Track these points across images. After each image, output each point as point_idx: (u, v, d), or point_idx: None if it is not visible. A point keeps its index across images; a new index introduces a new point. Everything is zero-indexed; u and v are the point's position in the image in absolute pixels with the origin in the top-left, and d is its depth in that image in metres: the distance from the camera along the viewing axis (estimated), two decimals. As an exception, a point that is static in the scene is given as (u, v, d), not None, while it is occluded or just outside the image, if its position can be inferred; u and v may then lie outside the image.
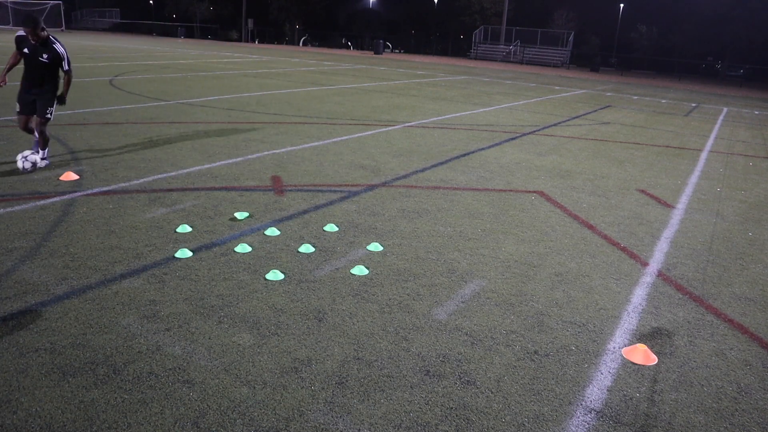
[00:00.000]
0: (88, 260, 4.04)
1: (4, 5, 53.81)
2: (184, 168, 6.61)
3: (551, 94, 20.58)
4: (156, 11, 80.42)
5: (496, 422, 2.66)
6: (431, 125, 11.02)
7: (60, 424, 2.44)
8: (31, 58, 6.00)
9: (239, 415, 2.58)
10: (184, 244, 4.40)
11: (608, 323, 3.68)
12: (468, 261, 4.51)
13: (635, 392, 2.97)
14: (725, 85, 41.07)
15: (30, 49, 5.96)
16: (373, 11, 76.29)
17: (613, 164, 8.65)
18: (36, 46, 5.96)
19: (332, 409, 2.66)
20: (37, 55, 5.98)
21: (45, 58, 6.01)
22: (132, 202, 5.31)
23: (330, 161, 7.42)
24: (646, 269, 4.63)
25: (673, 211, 6.34)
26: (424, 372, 3.00)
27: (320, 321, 3.43)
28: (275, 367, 2.95)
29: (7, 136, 7.73)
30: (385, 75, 24.11)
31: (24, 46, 5.97)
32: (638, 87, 29.55)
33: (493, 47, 54.10)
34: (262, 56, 32.56)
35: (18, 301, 3.42)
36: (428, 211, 5.68)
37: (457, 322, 3.53)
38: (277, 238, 4.70)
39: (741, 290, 4.38)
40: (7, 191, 5.43)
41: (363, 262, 4.31)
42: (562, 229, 5.45)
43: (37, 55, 5.98)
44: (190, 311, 3.44)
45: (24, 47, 5.97)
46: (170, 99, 11.81)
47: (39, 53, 5.98)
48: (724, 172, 8.72)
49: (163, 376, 2.80)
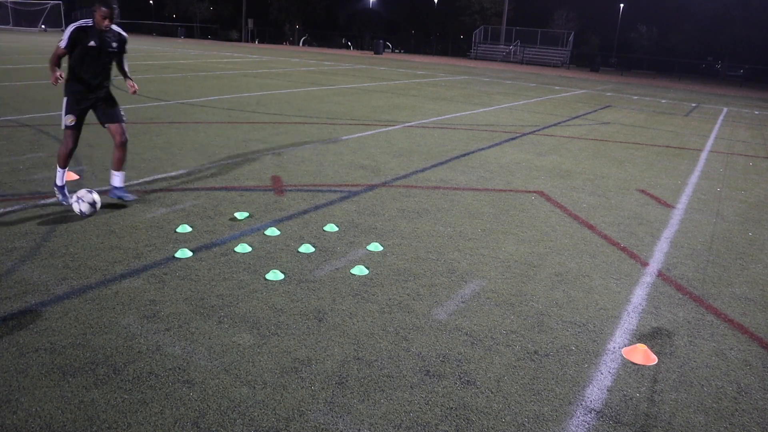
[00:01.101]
0: (88, 260, 4.04)
1: (4, 5, 53.79)
2: (184, 168, 6.61)
3: (551, 94, 20.58)
4: (156, 11, 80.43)
5: (496, 422, 2.66)
6: (431, 125, 11.02)
7: (60, 424, 2.44)
8: (100, 50, 4.91)
9: (239, 415, 2.58)
10: (184, 244, 4.40)
11: (608, 323, 3.68)
12: (468, 261, 4.51)
13: (635, 392, 2.97)
14: (725, 85, 41.06)
15: (98, 40, 4.87)
16: (373, 11, 76.30)
17: (613, 164, 8.65)
18: (104, 34, 4.91)
19: (332, 409, 2.66)
20: (106, 45, 4.94)
21: (115, 47, 5.03)
22: (132, 202, 5.31)
23: (330, 161, 7.42)
24: (646, 269, 4.63)
25: (673, 211, 6.34)
26: (424, 372, 3.00)
27: (320, 321, 3.43)
28: (275, 367, 2.95)
29: (7, 136, 7.73)
30: (385, 75, 24.11)
31: (90, 38, 4.85)
32: (638, 87, 29.55)
33: (493, 47, 54.10)
34: (262, 56, 32.56)
35: (18, 301, 3.42)
36: (428, 211, 5.68)
37: (457, 322, 3.53)
38: (277, 238, 4.70)
39: (741, 290, 4.38)
40: (7, 191, 5.43)
41: (363, 262, 4.31)
42: (562, 229, 5.45)
43: (106, 45, 4.94)
44: (190, 311, 3.44)
45: (90, 40, 4.84)
46: (170, 99, 11.81)
47: (109, 42, 4.96)
48: (724, 172, 8.72)
49: (163, 376, 2.80)
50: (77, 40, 4.83)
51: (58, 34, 50.67)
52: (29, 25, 55.07)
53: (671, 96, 24.75)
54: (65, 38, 4.80)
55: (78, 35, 4.82)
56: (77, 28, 4.83)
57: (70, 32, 4.81)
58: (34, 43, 31.10)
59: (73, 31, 4.82)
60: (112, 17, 4.83)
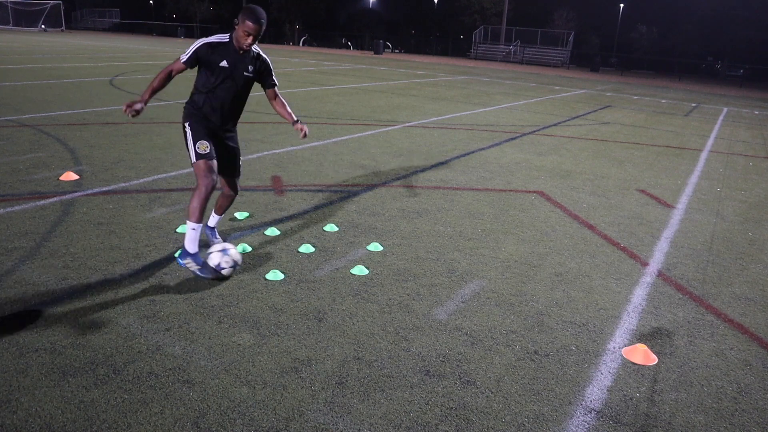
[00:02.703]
0: (88, 260, 4.04)
1: (4, 5, 53.80)
2: (184, 168, 6.61)
3: (551, 94, 20.58)
4: (156, 11, 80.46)
5: (496, 422, 2.66)
6: (431, 125, 11.03)
7: (60, 424, 2.44)
8: (232, 74, 3.93)
9: (239, 415, 2.58)
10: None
11: (608, 323, 3.68)
12: (468, 261, 4.51)
13: (635, 392, 2.97)
14: (725, 85, 41.06)
15: (231, 61, 3.89)
16: (374, 11, 76.33)
17: (613, 164, 8.65)
18: (240, 55, 3.92)
19: (332, 409, 2.66)
20: (241, 69, 3.94)
21: (250, 71, 4.00)
22: (132, 202, 5.31)
23: (330, 161, 7.42)
24: (646, 269, 4.63)
25: (673, 211, 6.34)
26: (424, 372, 3.00)
27: (320, 321, 3.43)
28: (275, 367, 2.95)
29: (7, 136, 7.73)
30: (385, 75, 24.11)
31: (223, 57, 3.87)
32: (638, 87, 29.55)
33: (493, 47, 54.11)
34: (262, 56, 32.51)
35: (18, 301, 3.42)
36: (428, 211, 5.68)
37: (457, 322, 3.53)
38: (277, 238, 4.70)
39: (741, 290, 4.38)
40: (7, 191, 5.43)
41: (363, 262, 4.31)
42: (562, 229, 5.45)
43: (241, 69, 3.94)
44: (190, 311, 3.44)
45: (223, 59, 3.87)
46: (170, 99, 11.81)
47: (244, 65, 3.95)
48: (724, 172, 8.72)
49: (163, 376, 2.80)
50: (204, 57, 3.86)
51: (59, 34, 50.72)
52: (29, 25, 55.11)
53: (671, 96, 24.75)
54: (189, 51, 3.89)
55: (205, 51, 3.86)
56: (207, 43, 3.88)
57: (197, 46, 3.87)
58: (34, 43, 31.11)
59: (201, 46, 3.86)
60: (258, 35, 3.80)
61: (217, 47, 3.87)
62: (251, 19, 3.73)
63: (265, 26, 3.81)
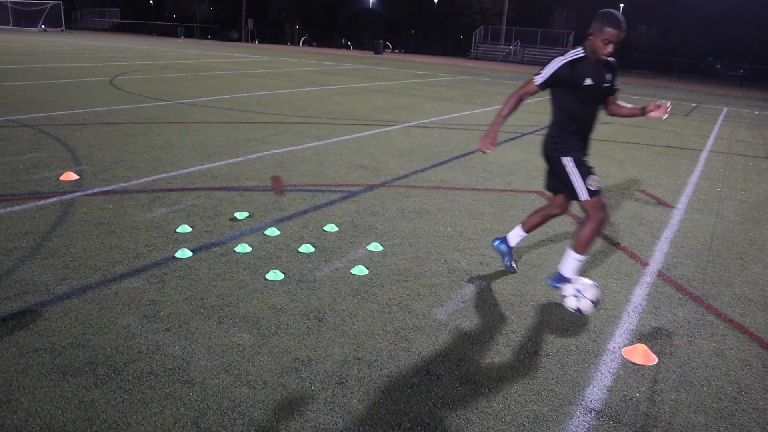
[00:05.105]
0: (88, 260, 4.04)
1: (4, 5, 53.79)
2: (184, 168, 6.61)
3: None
4: (156, 11, 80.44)
5: (496, 422, 2.66)
6: (431, 125, 11.03)
7: (60, 424, 2.44)
8: (597, 90, 3.64)
9: (239, 415, 2.58)
10: (184, 244, 4.40)
11: (608, 323, 3.68)
12: (468, 261, 4.52)
13: (635, 392, 2.97)
14: (725, 85, 41.06)
15: (593, 76, 3.58)
16: (374, 11, 76.32)
17: (613, 164, 8.65)
18: (599, 68, 3.61)
19: (332, 409, 2.66)
20: (601, 82, 3.63)
21: (608, 80, 3.68)
22: (132, 202, 5.31)
23: (330, 161, 7.42)
24: (646, 269, 4.63)
25: (673, 211, 6.34)
26: (424, 372, 3.00)
27: (320, 321, 3.43)
28: (275, 367, 2.95)
29: (7, 136, 7.73)
30: (385, 75, 24.11)
31: (584, 74, 3.56)
32: (638, 87, 29.54)
33: (493, 47, 54.10)
34: (262, 56, 32.56)
35: (18, 301, 3.42)
36: (428, 211, 5.68)
37: (457, 322, 3.53)
38: (277, 238, 4.70)
39: (741, 290, 4.38)
40: (7, 191, 5.43)
41: (363, 262, 4.31)
42: (562, 229, 5.45)
43: (601, 82, 3.63)
44: (190, 311, 3.44)
45: (585, 77, 3.56)
46: (170, 99, 11.81)
47: (603, 77, 3.64)
48: (724, 172, 8.72)
49: (163, 376, 2.80)
50: (565, 78, 3.56)
51: (59, 34, 50.70)
52: (29, 25, 55.10)
53: (671, 96, 24.74)
54: (546, 73, 3.61)
55: (566, 72, 3.55)
56: (566, 62, 3.55)
57: (557, 68, 3.56)
58: (34, 43, 31.12)
59: (561, 67, 3.55)
60: (619, 42, 3.48)
61: (576, 64, 3.55)
62: (612, 24, 3.43)
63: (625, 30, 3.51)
